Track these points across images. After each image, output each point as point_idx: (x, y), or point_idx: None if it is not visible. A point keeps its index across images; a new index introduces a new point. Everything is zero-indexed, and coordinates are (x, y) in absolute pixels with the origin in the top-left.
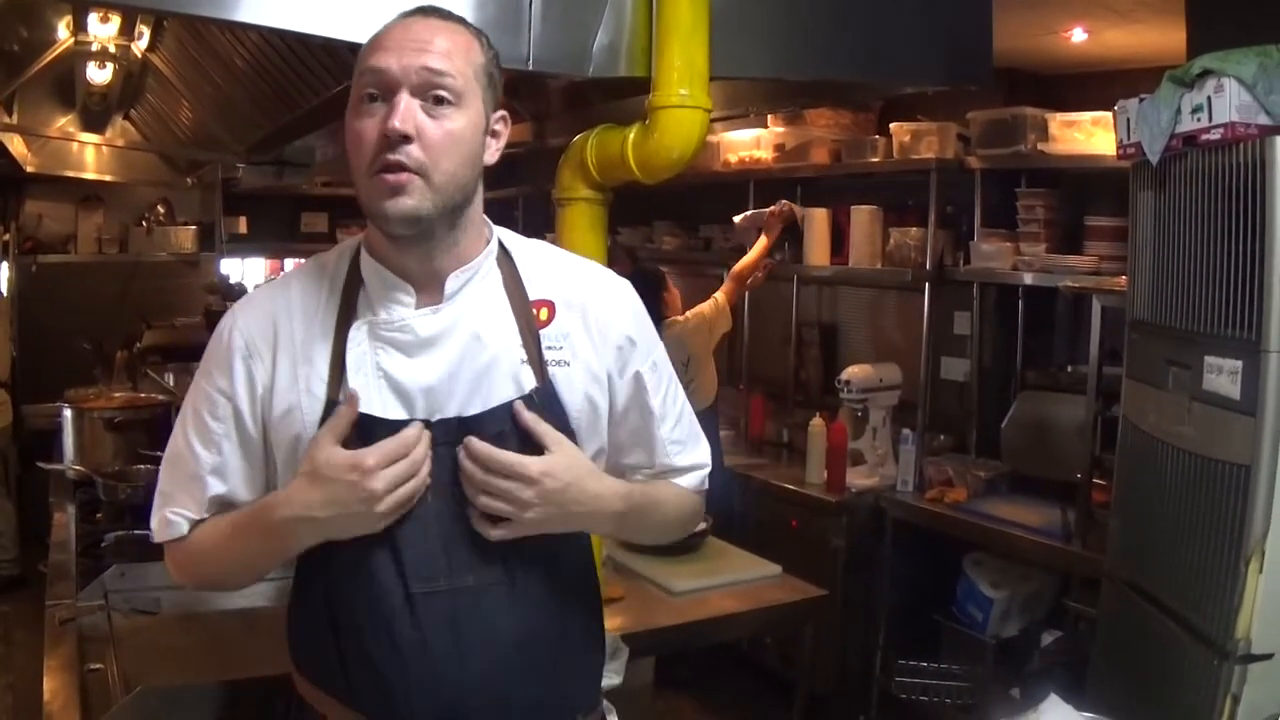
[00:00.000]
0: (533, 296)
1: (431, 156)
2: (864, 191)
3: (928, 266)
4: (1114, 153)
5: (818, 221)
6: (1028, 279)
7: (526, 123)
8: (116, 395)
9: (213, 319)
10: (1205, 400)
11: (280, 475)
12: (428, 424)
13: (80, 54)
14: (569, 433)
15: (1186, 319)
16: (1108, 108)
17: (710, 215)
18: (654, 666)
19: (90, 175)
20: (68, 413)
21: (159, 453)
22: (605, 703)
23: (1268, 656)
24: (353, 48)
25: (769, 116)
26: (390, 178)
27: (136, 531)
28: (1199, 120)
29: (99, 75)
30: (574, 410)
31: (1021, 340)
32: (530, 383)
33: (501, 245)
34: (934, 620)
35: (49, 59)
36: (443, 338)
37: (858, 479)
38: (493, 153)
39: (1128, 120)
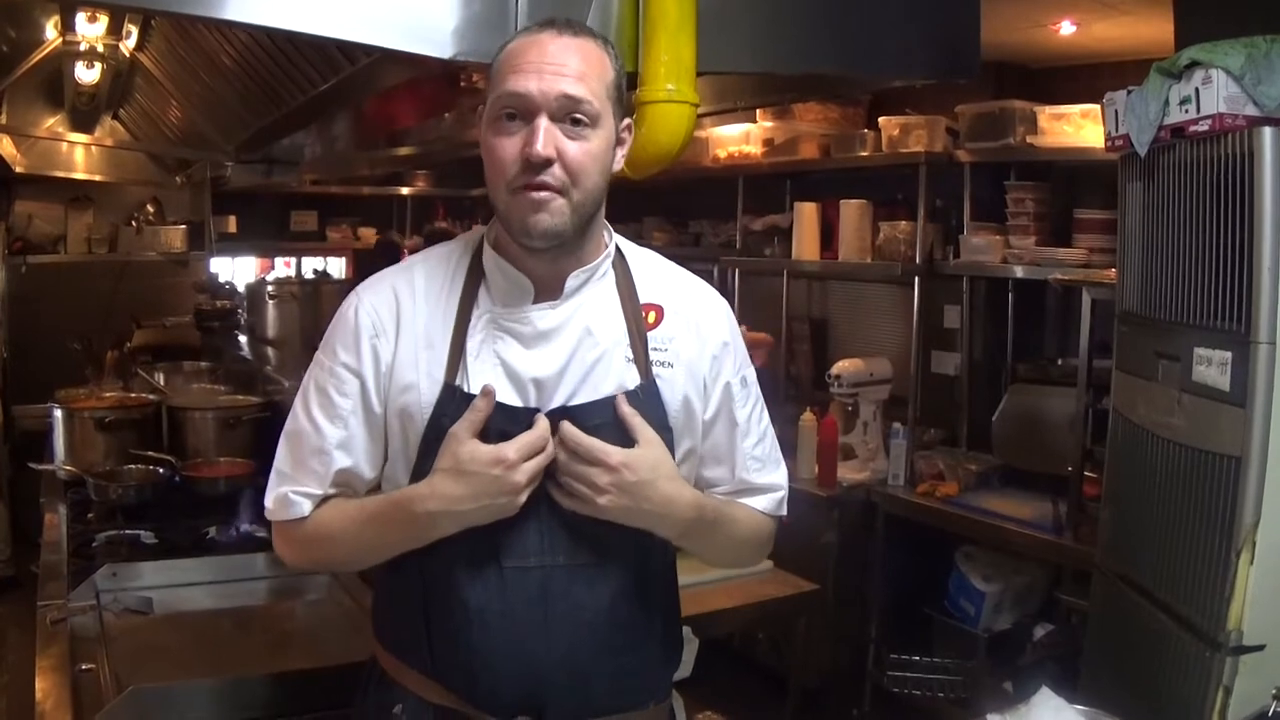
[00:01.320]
0: (643, 300)
1: (572, 176)
2: (853, 185)
3: (917, 260)
4: (1103, 145)
5: (807, 216)
6: (1018, 272)
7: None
8: (107, 395)
9: (203, 318)
10: (1195, 391)
11: (393, 453)
12: (538, 412)
13: (68, 54)
14: (666, 430)
15: (1176, 310)
16: (1096, 100)
17: (700, 211)
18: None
19: (79, 175)
20: (58, 413)
21: (149, 452)
22: (675, 695)
23: (1259, 648)
24: (340, 45)
25: (758, 111)
26: (535, 195)
27: (128, 531)
28: (1187, 111)
29: (87, 75)
30: (672, 410)
31: (1012, 333)
32: (635, 380)
33: (618, 249)
34: (926, 614)
35: (37, 59)
36: (558, 332)
37: (849, 473)
38: (619, 160)
39: (1116, 112)
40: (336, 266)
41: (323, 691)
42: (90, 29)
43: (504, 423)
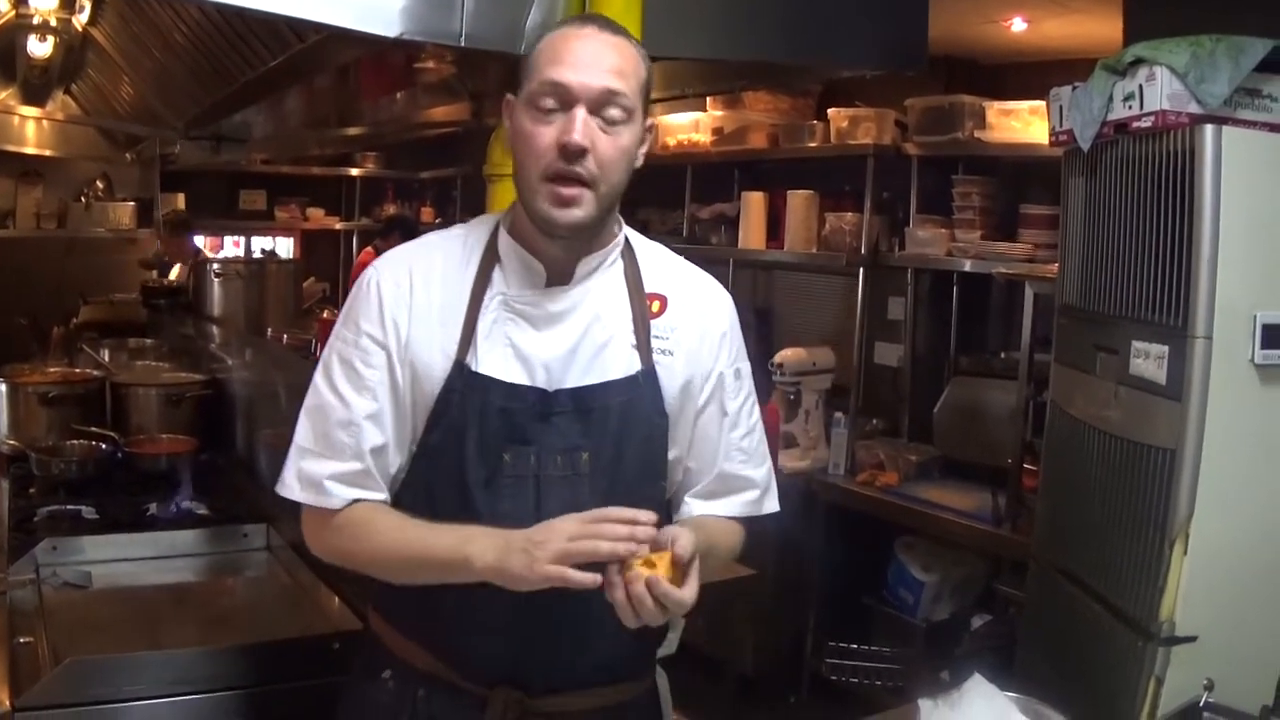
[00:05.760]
0: (648, 289)
1: (603, 169)
2: (801, 176)
3: (863, 251)
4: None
5: (754, 206)
6: (963, 265)
7: (465, 102)
8: (51, 370)
9: (149, 295)
10: (1132, 385)
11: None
12: (546, 393)
13: (21, 27)
14: (662, 416)
15: (1115, 304)
16: (1045, 97)
17: (647, 199)
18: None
19: (30, 150)
20: (2, 387)
21: (93, 428)
22: (659, 670)
23: (1191, 639)
24: (289, 22)
25: (707, 100)
26: (565, 191)
27: (69, 506)
28: (1130, 108)
29: (40, 48)
30: (670, 397)
31: (955, 326)
32: (636, 365)
33: (627, 240)
34: (865, 603)
35: None
36: (567, 315)
37: (790, 461)
38: (641, 157)
39: (1061, 107)
40: (285, 246)
41: (259, 666)
42: (44, 2)
43: (507, 400)
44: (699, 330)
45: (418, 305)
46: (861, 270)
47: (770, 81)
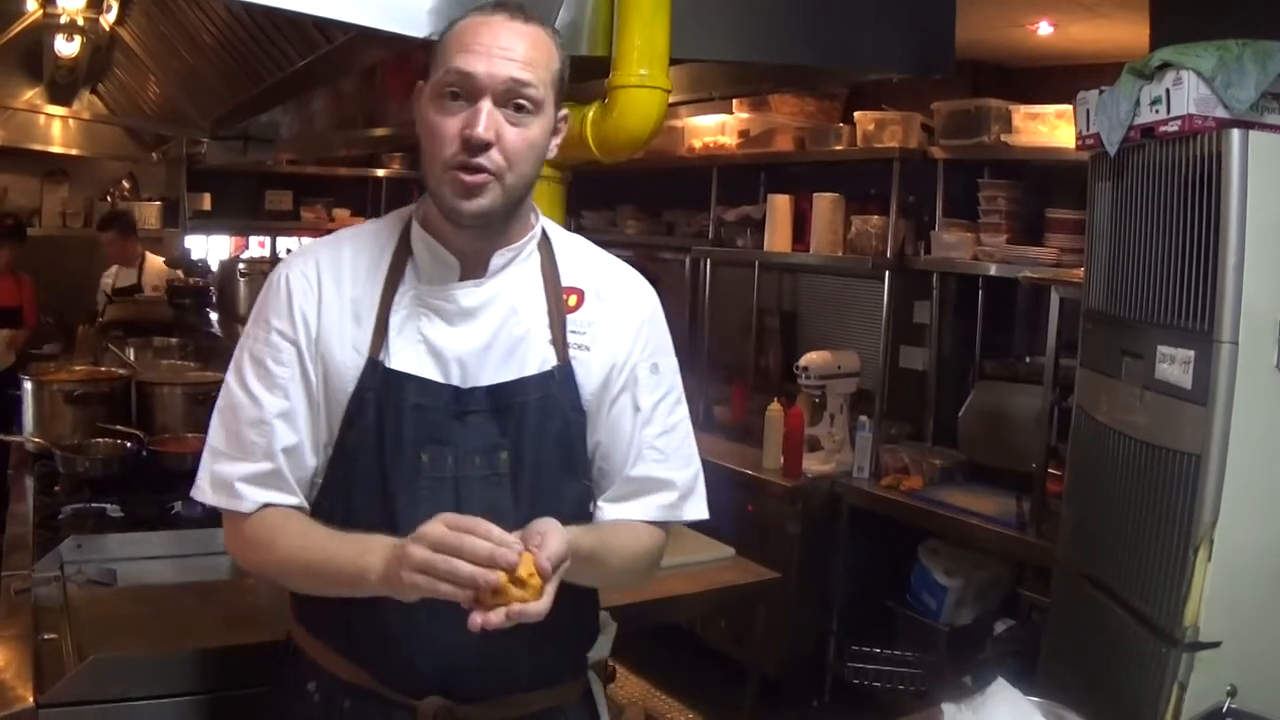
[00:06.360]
0: (565, 284)
1: (509, 161)
2: (827, 179)
3: (889, 255)
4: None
5: (780, 208)
6: (989, 269)
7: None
8: (77, 368)
9: (175, 294)
10: (1157, 389)
11: (320, 420)
12: (460, 390)
13: (49, 26)
14: (580, 413)
15: (1141, 309)
16: (1071, 101)
17: (674, 200)
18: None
19: (56, 149)
20: (28, 385)
21: (118, 426)
22: (591, 674)
23: (1215, 645)
24: (318, 22)
25: (734, 103)
26: (468, 178)
27: (94, 504)
28: (1157, 112)
29: (67, 48)
30: (587, 394)
31: (980, 330)
32: (552, 361)
33: (544, 233)
34: (888, 607)
35: (17, 31)
36: (482, 310)
37: (814, 465)
38: (554, 148)
39: (1087, 111)
40: None
41: None
42: (71, 2)
43: (421, 396)
44: (616, 323)
45: (327, 301)
46: (887, 274)
47: (797, 84)
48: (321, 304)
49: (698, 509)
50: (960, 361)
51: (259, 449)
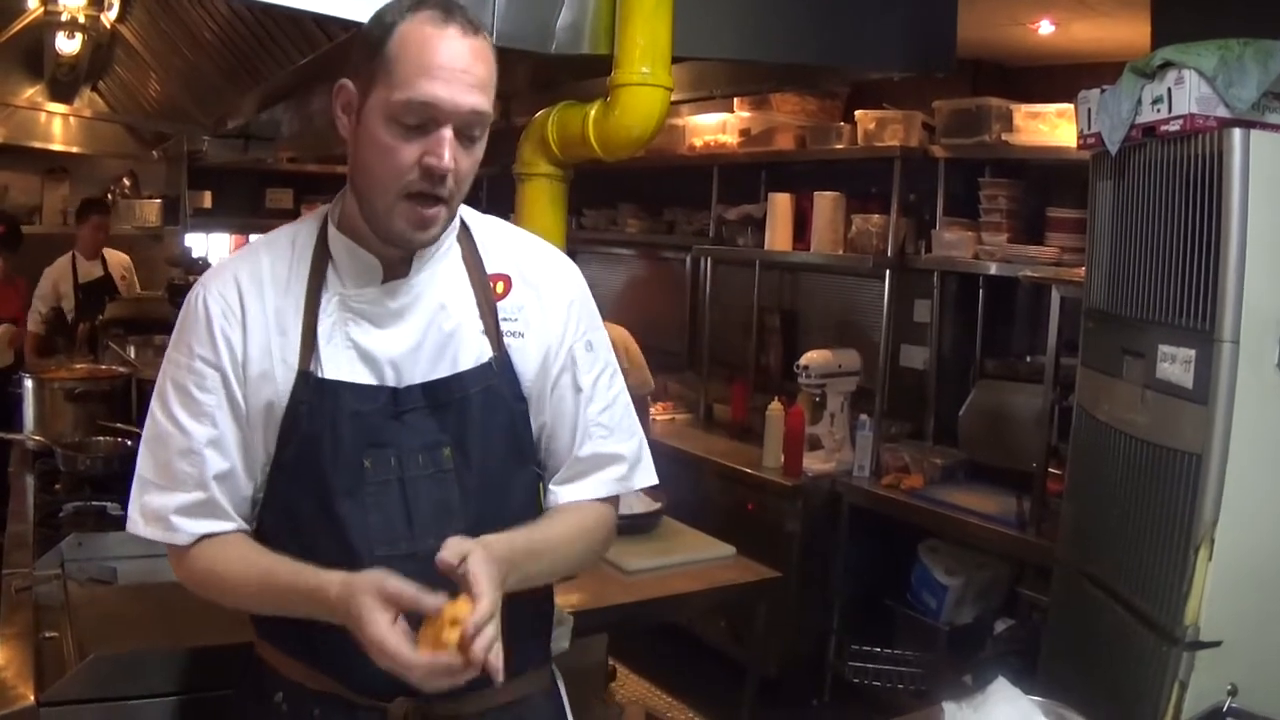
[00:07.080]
0: (490, 270)
1: (459, 185)
2: (828, 178)
3: (889, 254)
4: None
5: (780, 207)
6: (989, 268)
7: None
8: (77, 366)
9: (175, 293)
10: (1158, 389)
11: (254, 442)
12: (396, 391)
13: (49, 24)
14: (521, 401)
15: (1141, 308)
16: (1073, 100)
17: (674, 198)
18: (606, 645)
19: (57, 146)
20: (28, 383)
21: (118, 424)
22: (554, 668)
23: (1215, 644)
24: (318, 19)
25: (735, 101)
26: (426, 212)
27: (95, 502)
28: (1159, 111)
29: (68, 45)
30: (527, 380)
31: (981, 329)
32: (488, 353)
33: (463, 221)
34: (888, 606)
35: (18, 28)
36: (410, 309)
37: (814, 463)
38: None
39: (1089, 110)
40: None
41: None
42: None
43: (358, 403)
44: (546, 305)
45: (251, 317)
46: (888, 272)
47: (798, 83)
48: (246, 324)
49: (647, 476)
50: (961, 360)
51: (191, 479)
